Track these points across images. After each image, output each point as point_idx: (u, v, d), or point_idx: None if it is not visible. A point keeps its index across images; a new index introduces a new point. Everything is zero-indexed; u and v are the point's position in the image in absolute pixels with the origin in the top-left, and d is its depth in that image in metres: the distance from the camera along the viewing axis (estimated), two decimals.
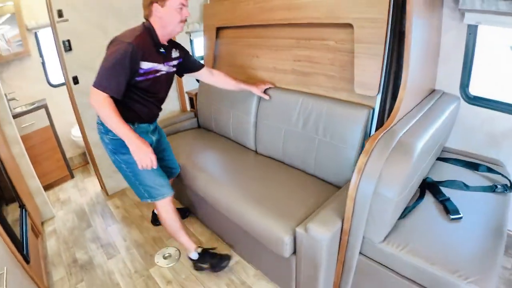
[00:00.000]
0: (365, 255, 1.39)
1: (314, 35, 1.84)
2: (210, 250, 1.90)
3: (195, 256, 1.85)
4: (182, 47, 1.79)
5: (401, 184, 1.16)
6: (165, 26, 1.52)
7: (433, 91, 1.93)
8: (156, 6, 1.48)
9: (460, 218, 1.38)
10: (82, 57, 2.35)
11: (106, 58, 1.38)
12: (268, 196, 1.66)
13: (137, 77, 1.46)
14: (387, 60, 1.52)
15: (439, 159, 1.89)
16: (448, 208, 1.42)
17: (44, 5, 2.19)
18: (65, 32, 2.22)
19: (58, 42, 2.22)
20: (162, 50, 1.57)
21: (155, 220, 2.33)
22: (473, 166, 1.78)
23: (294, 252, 1.47)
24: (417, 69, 1.48)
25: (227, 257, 1.87)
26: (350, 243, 1.36)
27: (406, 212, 1.43)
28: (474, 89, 1.84)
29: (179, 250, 2.06)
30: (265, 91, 2.09)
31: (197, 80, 2.72)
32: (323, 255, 1.31)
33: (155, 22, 1.51)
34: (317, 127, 1.79)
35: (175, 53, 1.70)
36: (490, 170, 1.72)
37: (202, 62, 2.79)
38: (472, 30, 1.69)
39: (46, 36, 3.09)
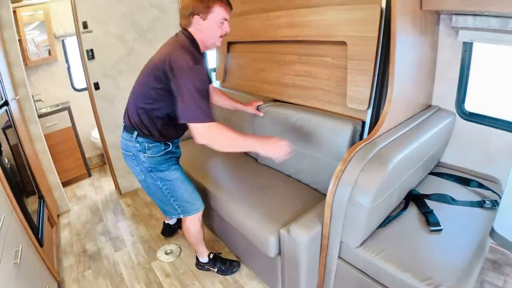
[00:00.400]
0: (343, 259, 1.46)
1: (313, 51, 1.95)
2: (220, 255, 1.99)
3: (205, 260, 1.94)
4: None
5: (375, 193, 1.24)
6: (205, 39, 1.45)
7: (429, 106, 1.99)
8: (197, 18, 1.40)
9: (440, 230, 1.42)
10: (103, 65, 2.57)
11: (193, 91, 1.27)
12: (261, 201, 1.77)
13: None
14: (377, 76, 1.61)
15: (432, 173, 1.93)
16: (429, 220, 1.47)
17: (71, 16, 2.42)
18: (89, 42, 2.44)
19: (82, 50, 2.45)
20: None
21: (169, 231, 2.29)
22: (465, 182, 1.81)
23: (280, 253, 1.56)
24: (404, 85, 1.55)
25: (238, 264, 1.97)
26: (329, 247, 1.45)
27: (387, 221, 1.49)
28: (473, 105, 1.85)
29: (180, 247, 2.20)
30: (258, 108, 2.11)
31: None
32: (303, 255, 1.41)
33: (195, 34, 1.44)
34: (308, 140, 1.85)
35: None
36: (481, 185, 1.75)
37: (214, 74, 2.98)
38: (467, 47, 1.74)
39: (72, 44, 3.35)
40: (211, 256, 1.94)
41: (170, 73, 1.30)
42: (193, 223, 1.76)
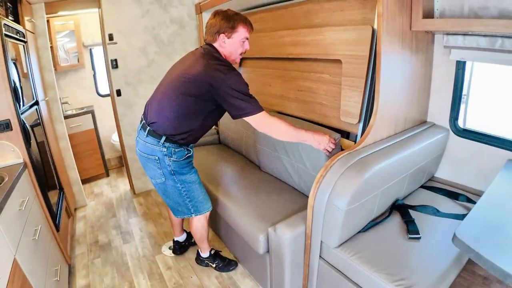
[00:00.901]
0: (324, 259, 1.56)
1: (314, 68, 2.09)
2: (220, 253, 2.14)
3: (206, 255, 2.08)
4: None
5: (350, 197, 1.34)
6: (227, 55, 1.61)
7: (424, 122, 2.06)
8: (222, 36, 1.57)
9: (419, 238, 1.49)
10: (125, 74, 2.82)
11: (238, 90, 1.48)
12: (257, 203, 1.91)
13: None
14: (368, 92, 1.72)
15: (424, 187, 2.00)
16: (409, 228, 1.55)
17: (99, 28, 2.70)
18: (114, 52, 2.70)
19: (107, 60, 2.71)
20: None
21: (180, 248, 2.28)
22: (454, 196, 1.86)
23: (268, 251, 1.69)
24: (391, 100, 1.65)
25: (235, 263, 2.11)
26: (311, 246, 1.56)
27: (368, 227, 1.59)
28: (473, 122, 1.89)
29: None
30: None
31: None
32: (287, 252, 1.53)
33: (219, 48, 1.60)
34: (298, 154, 1.96)
35: None
36: (469, 200, 1.81)
37: None
38: (460, 66, 1.80)
39: (98, 53, 3.66)
40: (212, 252, 2.09)
41: (215, 83, 1.46)
42: (200, 222, 1.90)
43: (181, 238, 2.25)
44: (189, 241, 2.31)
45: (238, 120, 2.49)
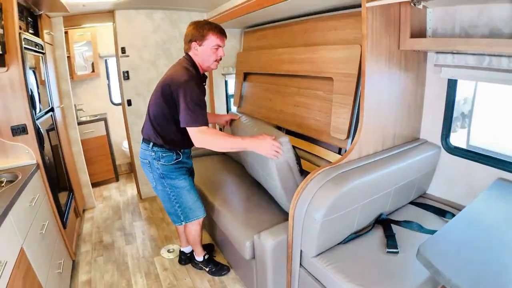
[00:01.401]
0: (304, 268, 1.63)
1: (309, 85, 2.20)
2: (214, 257, 2.24)
3: (200, 259, 2.18)
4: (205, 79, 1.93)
5: (326, 209, 1.40)
6: (201, 62, 1.71)
7: (416, 139, 2.07)
8: (194, 45, 1.67)
9: (396, 252, 1.51)
10: (136, 85, 3.01)
11: (189, 100, 1.53)
12: (248, 211, 2.00)
13: None
14: (357, 109, 1.79)
15: (413, 203, 2.02)
16: (388, 243, 1.58)
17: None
18: (126, 65, 2.90)
19: (120, 71, 2.90)
20: (204, 83, 1.81)
21: (185, 259, 2.32)
22: (441, 213, 1.87)
23: (254, 257, 1.78)
24: (377, 117, 1.70)
25: (227, 268, 2.19)
26: (293, 254, 1.63)
27: (349, 239, 1.63)
28: (475, 139, 1.94)
29: (180, 248, 2.46)
30: (231, 122, 2.22)
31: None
32: (269, 259, 1.62)
33: (193, 57, 1.71)
34: (257, 164, 1.95)
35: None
36: None
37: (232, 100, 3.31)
38: (452, 84, 1.81)
39: (113, 64, 3.88)
40: (206, 257, 2.18)
41: (172, 87, 1.59)
42: (193, 227, 2.00)
43: (187, 249, 2.30)
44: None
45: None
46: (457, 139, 2.90)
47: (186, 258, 2.31)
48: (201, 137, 1.56)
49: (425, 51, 1.83)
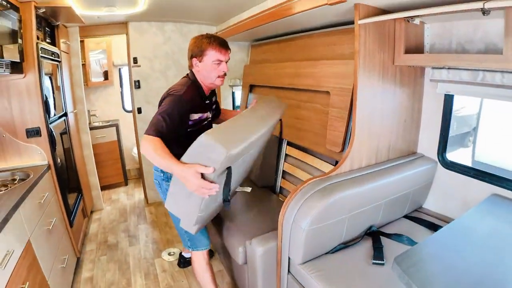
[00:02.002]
0: (292, 274, 1.67)
1: (310, 98, 2.26)
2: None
3: None
4: (215, 91, 1.89)
5: (312, 218, 1.45)
6: (203, 79, 1.63)
7: (413, 153, 2.09)
8: (195, 61, 1.60)
9: (382, 264, 1.52)
10: (146, 94, 3.15)
11: (160, 111, 1.46)
12: (246, 217, 2.08)
13: (188, 128, 1.58)
14: (352, 123, 1.82)
15: (407, 217, 2.02)
16: (374, 254, 1.57)
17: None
18: (137, 74, 3.05)
19: (131, 80, 3.05)
20: (207, 101, 1.72)
21: (184, 262, 2.36)
22: (434, 227, 1.85)
23: (247, 262, 1.84)
24: (370, 130, 1.75)
25: None
26: (281, 261, 1.68)
27: (337, 249, 1.66)
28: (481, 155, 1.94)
29: (181, 252, 2.54)
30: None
31: None
32: (259, 265, 1.69)
33: (196, 74, 1.64)
34: None
35: (214, 98, 1.85)
36: None
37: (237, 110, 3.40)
38: (448, 98, 1.82)
39: (126, 72, 4.04)
40: None
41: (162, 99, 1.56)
42: (197, 259, 1.81)
43: (187, 254, 2.34)
44: None
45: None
46: (468, 154, 2.92)
47: (185, 262, 2.37)
48: (142, 144, 1.41)
49: (426, 66, 1.83)
